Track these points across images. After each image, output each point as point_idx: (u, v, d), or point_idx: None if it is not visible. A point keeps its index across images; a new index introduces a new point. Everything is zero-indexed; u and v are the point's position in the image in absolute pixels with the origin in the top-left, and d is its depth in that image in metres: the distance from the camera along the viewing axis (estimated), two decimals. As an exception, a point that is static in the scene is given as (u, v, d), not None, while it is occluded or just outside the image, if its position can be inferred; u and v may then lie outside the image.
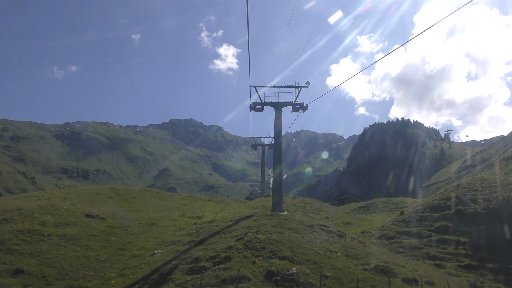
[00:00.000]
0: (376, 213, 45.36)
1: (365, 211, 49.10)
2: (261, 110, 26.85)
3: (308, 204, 36.49)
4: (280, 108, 26.00)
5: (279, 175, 25.21)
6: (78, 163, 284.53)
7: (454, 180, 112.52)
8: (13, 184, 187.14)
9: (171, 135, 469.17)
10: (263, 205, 32.55)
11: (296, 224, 17.01)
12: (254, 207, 31.31)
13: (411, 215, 25.78)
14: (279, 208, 23.72)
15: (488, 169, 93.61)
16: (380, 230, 25.21)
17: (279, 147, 26.13)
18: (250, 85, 24.43)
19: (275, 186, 24.75)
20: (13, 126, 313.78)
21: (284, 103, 26.10)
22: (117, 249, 16.62)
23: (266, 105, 26.21)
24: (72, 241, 16.45)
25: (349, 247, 14.96)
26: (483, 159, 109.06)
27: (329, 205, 42.89)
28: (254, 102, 26.24)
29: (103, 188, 32.37)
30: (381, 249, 18.36)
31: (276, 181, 25.05)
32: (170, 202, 30.96)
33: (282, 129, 26.18)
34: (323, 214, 33.84)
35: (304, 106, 26.15)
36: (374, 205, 50.29)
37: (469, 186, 26.71)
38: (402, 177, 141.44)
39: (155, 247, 16.76)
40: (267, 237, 14.44)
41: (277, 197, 24.28)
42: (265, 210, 29.60)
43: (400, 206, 45.49)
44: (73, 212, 20.20)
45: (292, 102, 26.21)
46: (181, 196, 37.26)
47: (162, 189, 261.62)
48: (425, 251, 20.97)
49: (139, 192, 33.42)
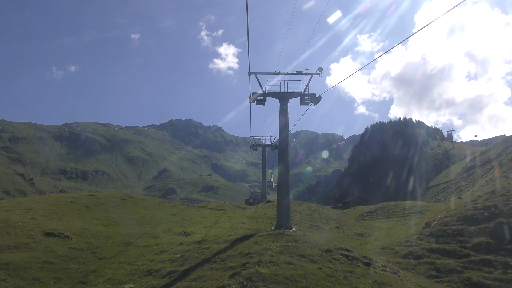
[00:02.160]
0: (386, 219, 41.45)
1: (374, 216, 45.16)
2: (263, 102, 22.46)
3: (315, 211, 32.41)
4: (287, 100, 21.46)
5: (284, 180, 20.66)
6: (77, 164, 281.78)
7: (459, 181, 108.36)
8: (11, 185, 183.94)
9: (170, 135, 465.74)
10: (264, 214, 28.52)
11: (309, 248, 13.03)
12: (254, 216, 27.25)
13: (440, 228, 21.71)
14: (285, 224, 19.38)
15: (496, 170, 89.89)
16: (404, 246, 21.16)
17: (284, 148, 21.54)
18: (250, 71, 19.91)
19: (280, 195, 20.28)
20: (12, 127, 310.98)
21: (292, 94, 21.49)
22: (76, 282, 12.67)
23: (269, 97, 21.69)
24: (16, 273, 12.47)
25: (383, 284, 11.06)
26: (489, 159, 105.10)
27: (337, 211, 38.78)
28: (255, 93, 21.65)
29: (81, 196, 28.21)
30: (419, 279, 14.41)
31: (281, 189, 20.51)
32: (157, 212, 26.81)
33: (288, 125, 21.41)
34: (332, 224, 29.87)
35: (316, 97, 21.37)
36: (384, 209, 46.27)
37: (508, 194, 22.71)
38: (404, 178, 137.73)
39: (127, 278, 12.81)
40: (273, 272, 10.50)
41: (283, 210, 19.77)
42: (267, 221, 25.52)
43: (413, 211, 41.58)
44: (29, 230, 16.18)
45: (301, 92, 21.57)
46: (171, 204, 33.06)
47: (161, 190, 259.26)
48: (465, 276, 16.95)
49: (123, 200, 28.92)
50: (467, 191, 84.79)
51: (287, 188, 20.77)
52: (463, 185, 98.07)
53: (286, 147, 21.72)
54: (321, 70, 20.88)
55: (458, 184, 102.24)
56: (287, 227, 19.34)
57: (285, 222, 19.51)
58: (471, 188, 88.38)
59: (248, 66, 18.09)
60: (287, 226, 19.41)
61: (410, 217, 37.40)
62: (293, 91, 21.65)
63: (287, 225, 19.46)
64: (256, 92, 21.70)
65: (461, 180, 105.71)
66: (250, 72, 20.27)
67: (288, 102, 21.70)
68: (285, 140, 21.71)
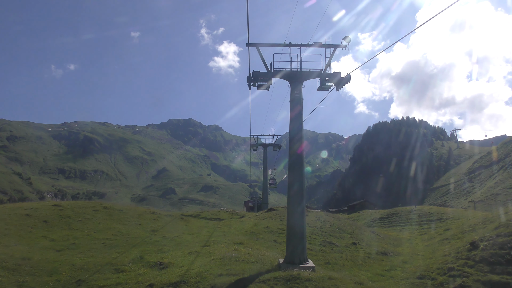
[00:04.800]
0: (401, 227, 36.96)
1: (386, 223, 40.61)
2: (267, 86, 16.53)
3: (325, 222, 27.57)
4: (300, 81, 15.74)
5: (297, 192, 14.60)
6: (75, 163, 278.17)
7: (465, 182, 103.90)
8: (8, 185, 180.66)
9: (169, 135, 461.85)
10: (266, 228, 23.74)
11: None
12: (255, 231, 22.49)
13: (495, 252, 16.86)
14: (299, 256, 13.70)
15: (504, 170, 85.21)
16: (450, 276, 16.28)
17: (297, 142, 15.67)
18: (249, 42, 14.52)
19: (293, 215, 14.26)
20: (10, 126, 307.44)
21: (309, 73, 15.76)
22: None
23: (276, 78, 15.84)
24: None
25: None
26: (496, 159, 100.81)
27: (346, 219, 33.81)
28: (256, 72, 15.62)
29: (42, 207, 23.22)
30: None
31: (293, 205, 14.39)
32: (135, 227, 21.66)
33: (302, 114, 15.59)
34: (347, 238, 25.14)
35: (342, 78, 15.61)
36: (397, 216, 41.71)
37: None
38: (408, 178, 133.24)
39: None
40: None
41: (296, 239, 13.90)
42: (270, 238, 20.80)
43: (430, 218, 36.83)
44: None
45: (321, 70, 15.85)
46: (154, 216, 27.11)
47: (160, 189, 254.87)
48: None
49: (94, 212, 23.67)
50: (475, 193, 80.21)
51: (301, 203, 14.46)
52: (471, 186, 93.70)
53: (299, 140, 15.78)
54: (348, 41, 15.33)
55: (465, 185, 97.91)
56: (302, 261, 13.91)
57: (299, 254, 13.97)
58: (479, 189, 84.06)
59: (248, 36, 13.13)
60: (301, 259, 13.90)
61: (429, 225, 33.02)
62: (309, 69, 15.81)
63: (302, 258, 13.90)
64: (258, 71, 15.62)
65: (467, 181, 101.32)
66: (250, 44, 14.73)
67: (302, 86, 15.88)
68: (298, 133, 15.84)
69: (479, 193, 78.71)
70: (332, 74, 16.10)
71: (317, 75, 16.18)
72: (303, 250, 14.23)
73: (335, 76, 16.05)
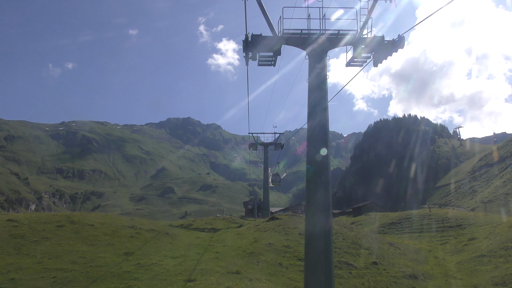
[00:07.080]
0: (416, 234, 32.36)
1: (398, 229, 36.80)
2: (272, 60, 11.70)
3: (337, 234, 24.04)
4: (325, 50, 10.94)
5: (324, 204, 10.32)
6: (73, 163, 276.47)
7: (469, 181, 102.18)
8: (5, 185, 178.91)
9: (168, 134, 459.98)
10: (269, 245, 21.18)
11: None
12: (255, 252, 19.39)
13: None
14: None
15: (511, 168, 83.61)
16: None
17: (322, 122, 11.03)
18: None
19: (312, 246, 9.93)
20: (8, 126, 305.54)
21: (336, 38, 10.91)
22: None
23: (289, 45, 11.08)
24: None
25: None
26: (501, 157, 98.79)
27: (364, 231, 30.48)
28: (257, 36, 10.68)
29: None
30: None
31: (316, 223, 10.06)
32: (104, 249, 17.12)
33: (326, 82, 10.88)
34: (365, 256, 20.92)
35: (392, 41, 10.94)
36: (409, 221, 38.07)
37: None
38: (410, 177, 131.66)
39: None
40: None
41: (319, 284, 9.38)
42: (274, 261, 17.85)
43: (448, 224, 32.07)
44: None
45: (356, 33, 11.11)
46: (133, 231, 21.22)
47: (159, 189, 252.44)
48: None
49: (58, 228, 18.97)
50: (482, 192, 78.48)
51: (328, 219, 10.01)
52: (476, 185, 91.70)
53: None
54: None
55: (470, 184, 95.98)
56: None
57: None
58: (485, 189, 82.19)
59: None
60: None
61: (448, 232, 29.62)
62: (338, 31, 10.88)
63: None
64: (260, 34, 10.68)
65: (472, 180, 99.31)
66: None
67: (326, 57, 11.01)
68: (323, 112, 10.86)
69: (486, 192, 76.65)
70: (377, 38, 11.12)
71: (349, 41, 11.13)
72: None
73: (380, 40, 10.97)
